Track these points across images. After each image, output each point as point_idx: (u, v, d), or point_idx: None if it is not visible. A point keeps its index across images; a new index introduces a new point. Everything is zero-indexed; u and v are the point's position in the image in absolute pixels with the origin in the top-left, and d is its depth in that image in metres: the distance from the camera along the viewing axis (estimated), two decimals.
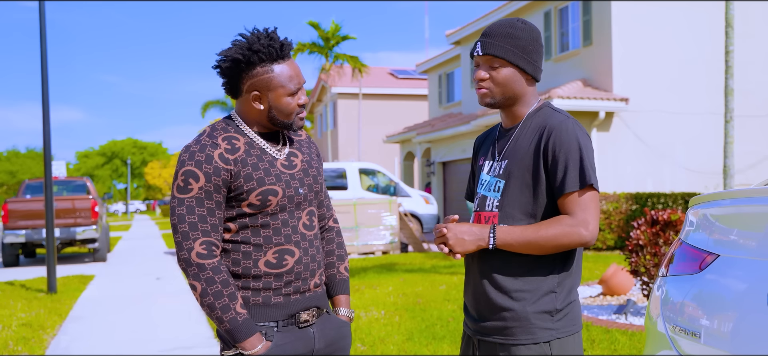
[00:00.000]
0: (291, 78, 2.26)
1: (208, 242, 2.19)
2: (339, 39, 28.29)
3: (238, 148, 2.26)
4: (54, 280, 10.90)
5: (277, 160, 2.32)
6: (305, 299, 2.33)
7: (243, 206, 2.24)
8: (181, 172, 2.21)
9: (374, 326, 7.08)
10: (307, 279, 2.33)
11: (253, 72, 2.24)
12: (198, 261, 2.17)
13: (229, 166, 2.22)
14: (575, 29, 18.10)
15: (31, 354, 6.61)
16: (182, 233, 2.19)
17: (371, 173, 19.32)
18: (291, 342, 2.28)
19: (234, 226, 2.26)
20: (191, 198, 2.20)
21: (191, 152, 2.22)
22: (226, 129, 2.30)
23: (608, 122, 16.83)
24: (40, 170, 62.16)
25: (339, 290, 2.54)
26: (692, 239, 2.72)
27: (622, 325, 6.64)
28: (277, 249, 2.27)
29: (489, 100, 2.31)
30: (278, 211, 2.28)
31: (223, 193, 2.22)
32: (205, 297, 2.17)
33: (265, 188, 2.24)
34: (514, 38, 2.27)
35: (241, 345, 2.19)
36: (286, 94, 2.26)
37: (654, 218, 7.22)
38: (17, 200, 16.10)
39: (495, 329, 2.26)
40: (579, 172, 2.18)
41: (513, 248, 2.20)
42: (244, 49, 2.22)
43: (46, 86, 10.94)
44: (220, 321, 2.18)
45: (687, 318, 2.52)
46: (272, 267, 2.26)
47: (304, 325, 2.32)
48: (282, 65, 2.25)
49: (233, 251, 2.26)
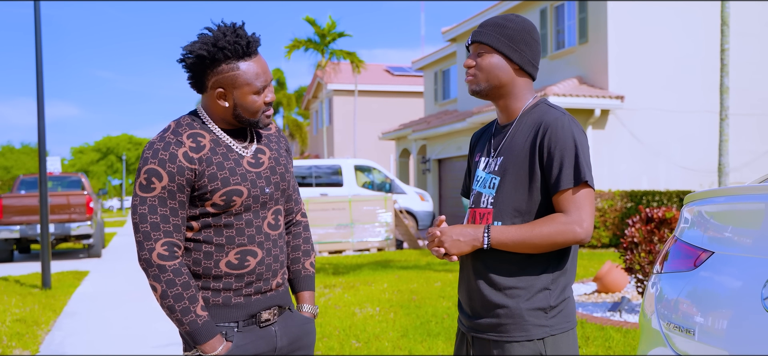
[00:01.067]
0: (257, 75, 2.20)
1: (169, 243, 2.16)
2: (335, 36, 28.26)
3: (204, 146, 2.21)
4: (48, 276, 10.87)
5: (243, 158, 2.27)
6: (266, 298, 2.30)
7: (206, 206, 2.20)
8: (144, 170, 2.16)
9: (369, 322, 7.08)
10: (269, 279, 2.30)
11: (217, 69, 2.18)
12: (159, 262, 2.14)
13: (194, 165, 2.17)
14: (571, 27, 18.11)
15: (25, 349, 6.59)
16: (143, 233, 2.15)
17: (367, 170, 19.31)
18: (252, 341, 2.26)
19: (196, 225, 2.22)
20: (154, 198, 2.15)
21: (155, 150, 2.16)
22: (191, 125, 2.25)
23: (604, 119, 16.85)
24: (34, 165, 62.02)
25: (303, 286, 2.50)
26: (687, 236, 2.73)
27: (616, 323, 6.65)
28: (239, 250, 2.23)
29: (474, 87, 2.32)
30: (242, 211, 2.24)
31: (187, 192, 2.18)
32: (165, 298, 2.15)
33: (229, 189, 2.20)
34: (502, 27, 2.29)
35: (201, 347, 2.17)
36: (252, 92, 2.20)
37: (649, 216, 7.23)
38: (12, 195, 16.05)
39: (489, 326, 2.26)
40: (574, 169, 2.17)
41: (507, 247, 2.20)
42: (209, 45, 2.16)
43: (41, 82, 10.90)
44: (180, 322, 2.16)
45: (681, 315, 2.52)
46: (233, 268, 2.23)
47: (265, 324, 2.29)
48: (248, 62, 2.19)
49: (195, 250, 2.23)
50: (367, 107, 33.37)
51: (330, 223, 15.67)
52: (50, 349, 6.67)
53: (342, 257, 14.94)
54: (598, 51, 17.06)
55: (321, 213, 15.71)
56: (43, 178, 11.05)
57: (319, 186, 18.34)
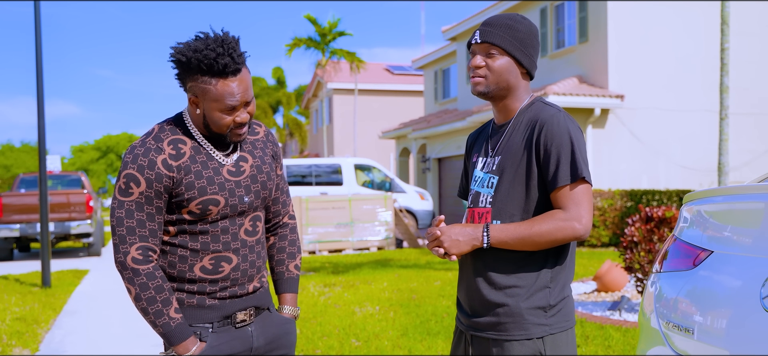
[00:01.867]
0: (229, 95, 2.16)
1: (144, 248, 2.19)
2: (335, 35, 28.25)
3: (184, 153, 2.23)
4: (48, 274, 10.87)
5: (223, 166, 2.28)
6: (242, 301, 2.32)
7: (183, 213, 2.22)
8: (124, 174, 2.19)
9: (369, 321, 7.08)
10: (245, 284, 2.31)
11: (193, 77, 2.18)
12: (133, 266, 2.17)
13: (172, 173, 2.19)
14: (571, 26, 18.11)
15: (25, 348, 6.59)
16: (120, 237, 2.19)
17: (367, 169, 19.31)
18: (227, 341, 2.28)
19: (173, 229, 2.25)
20: (131, 202, 2.18)
21: (135, 155, 2.19)
22: (174, 130, 2.26)
23: (603, 118, 16.85)
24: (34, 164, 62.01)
25: (286, 288, 2.52)
26: (686, 235, 2.73)
27: (616, 322, 6.65)
28: (213, 256, 2.25)
29: (482, 88, 2.31)
30: (219, 219, 2.25)
31: (164, 199, 2.20)
32: (139, 301, 2.18)
33: (206, 198, 2.21)
34: (513, 30, 2.28)
35: (174, 348, 2.21)
36: (220, 109, 2.18)
37: (649, 215, 7.23)
38: (12, 194, 16.05)
39: (488, 325, 2.26)
40: (570, 165, 2.18)
41: (507, 245, 2.20)
42: (190, 52, 2.15)
43: (41, 80, 10.89)
44: (154, 324, 2.19)
45: (680, 314, 2.52)
46: (207, 273, 2.26)
47: (241, 325, 2.31)
48: (224, 82, 2.16)
49: (170, 253, 2.26)
50: (367, 105, 33.36)
51: (330, 222, 15.67)
52: (50, 348, 6.68)
53: (342, 256, 14.94)
54: (598, 50, 17.06)
55: (321, 212, 15.71)
56: (42, 177, 11.05)
57: (319, 185, 18.34)
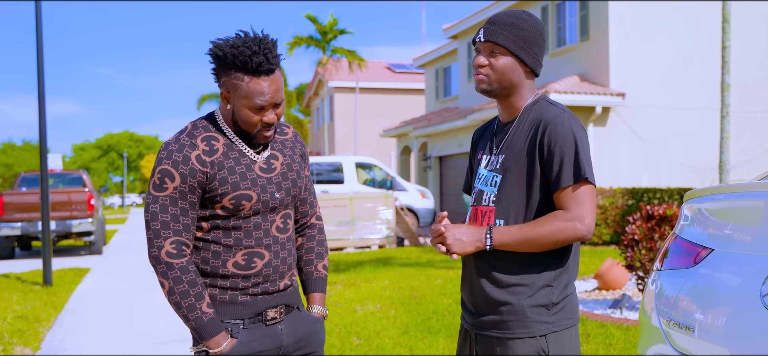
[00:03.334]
0: (259, 94, 2.21)
1: (178, 242, 2.22)
2: (336, 33, 28.23)
3: (217, 150, 2.26)
4: (49, 273, 10.88)
5: (255, 163, 2.31)
6: (273, 298, 2.34)
7: (216, 208, 2.25)
8: (158, 170, 2.22)
9: (370, 319, 7.09)
10: (276, 281, 2.34)
11: (227, 72, 2.22)
12: (167, 260, 2.20)
13: (206, 168, 2.22)
14: (572, 24, 18.10)
15: (27, 346, 6.60)
16: (154, 231, 2.22)
17: (368, 167, 19.31)
18: (257, 338, 2.30)
19: (206, 225, 2.28)
20: (166, 197, 2.21)
21: (169, 151, 2.22)
22: (207, 128, 2.30)
23: (605, 117, 16.84)
24: (36, 162, 62.02)
25: (314, 287, 2.54)
26: (687, 233, 2.73)
27: (617, 320, 6.66)
28: (246, 252, 2.28)
29: (485, 87, 2.30)
30: (251, 215, 2.28)
31: (198, 194, 2.24)
32: (172, 295, 2.21)
33: (239, 193, 2.24)
34: (517, 28, 2.26)
35: (206, 343, 2.23)
36: (248, 107, 2.22)
37: (650, 213, 7.23)
38: (13, 192, 16.06)
39: (492, 323, 2.26)
40: (574, 166, 2.17)
41: (510, 247, 2.20)
42: (227, 48, 2.20)
43: (42, 79, 10.90)
44: (186, 318, 2.22)
45: (681, 312, 2.52)
46: (240, 269, 2.28)
47: (271, 322, 2.33)
48: (255, 79, 2.20)
49: (203, 249, 2.29)
50: (368, 104, 33.36)
51: (331, 220, 15.67)
52: (51, 346, 6.68)
53: (343, 254, 14.94)
54: (599, 48, 17.05)
55: (322, 211, 15.69)
56: (44, 175, 11.06)
57: (320, 183, 18.34)
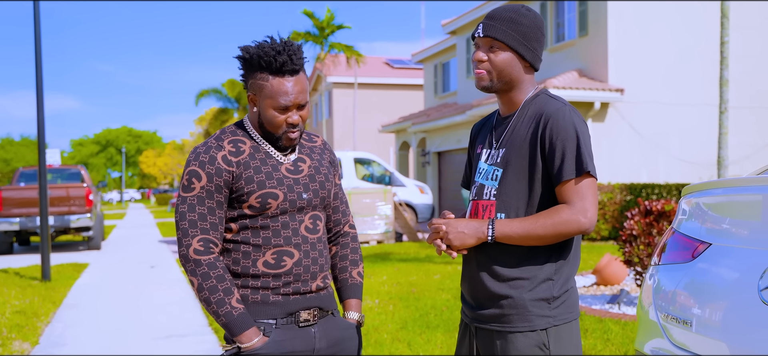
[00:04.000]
0: (283, 94, 2.26)
1: (205, 240, 2.26)
2: (334, 28, 28.20)
3: (243, 151, 2.32)
4: (48, 268, 10.88)
5: (281, 164, 2.35)
6: (305, 299, 2.34)
7: (244, 208, 2.29)
8: (186, 172, 2.30)
9: (368, 315, 7.09)
10: (308, 281, 2.34)
11: (253, 74, 2.29)
12: (195, 257, 2.24)
13: (232, 168, 2.28)
14: (571, 20, 18.09)
15: (25, 341, 6.60)
16: (182, 230, 2.27)
17: (366, 163, 19.30)
18: (289, 339, 2.30)
19: (235, 226, 2.31)
20: (193, 197, 2.27)
21: (197, 153, 2.30)
22: (235, 133, 2.36)
23: (603, 112, 16.84)
24: (34, 158, 61.97)
25: (350, 294, 2.55)
26: (685, 227, 2.73)
27: (615, 315, 6.66)
28: (275, 250, 2.30)
29: (485, 83, 2.30)
30: (278, 214, 2.31)
31: (225, 194, 2.29)
32: (201, 291, 2.24)
33: (265, 191, 2.28)
34: (516, 23, 2.26)
35: (237, 338, 2.23)
36: (273, 107, 2.27)
37: (648, 209, 7.24)
38: (11, 188, 16.05)
39: (492, 317, 2.26)
40: (576, 159, 2.17)
41: (512, 240, 2.19)
42: (253, 50, 2.27)
43: (41, 74, 10.89)
44: (217, 315, 2.23)
45: (679, 306, 2.52)
46: (270, 268, 2.30)
47: (304, 324, 2.33)
48: (279, 79, 2.26)
49: (234, 250, 2.32)
50: (366, 99, 33.34)
51: None
52: (50, 341, 6.68)
53: None
54: (597, 44, 17.04)
55: None
56: (42, 170, 11.05)
57: None
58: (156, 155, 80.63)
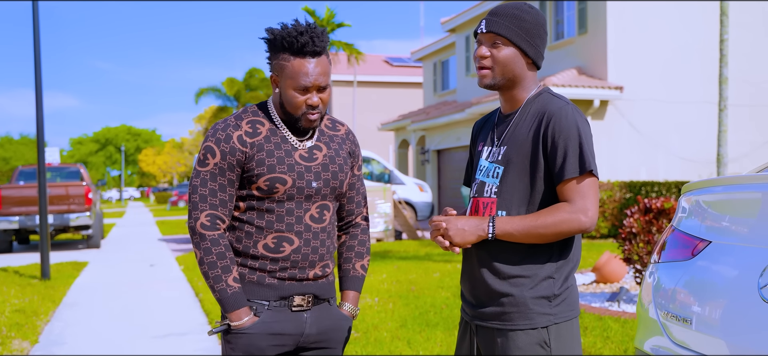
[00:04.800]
0: (304, 75, 2.28)
1: (213, 215, 2.32)
2: (334, 26, 28.17)
3: (260, 132, 2.36)
4: (47, 266, 10.88)
5: (296, 150, 2.37)
6: (301, 286, 2.37)
7: (252, 189, 2.34)
8: (203, 147, 2.36)
9: (368, 313, 7.09)
10: (305, 269, 2.37)
11: (276, 54, 2.33)
12: (201, 231, 2.31)
13: (245, 148, 2.32)
14: (570, 17, 18.09)
15: (25, 340, 6.60)
16: (193, 203, 2.34)
17: (366, 161, 19.29)
18: (279, 321, 2.34)
19: (243, 205, 2.37)
20: (206, 172, 2.33)
21: (215, 129, 2.35)
22: (256, 113, 2.40)
23: (603, 110, 16.84)
24: (33, 156, 61.95)
25: (349, 285, 2.57)
26: (684, 225, 2.73)
27: (614, 312, 6.67)
28: (276, 235, 2.34)
29: (488, 81, 2.29)
30: (285, 199, 2.34)
31: (237, 173, 2.33)
32: (202, 264, 2.32)
33: (274, 176, 2.31)
34: (519, 20, 2.25)
35: (228, 315, 2.31)
36: (293, 87, 2.30)
37: (647, 206, 7.24)
38: (10, 186, 16.04)
39: (493, 314, 2.26)
40: (578, 158, 2.16)
41: (513, 237, 2.19)
42: (277, 32, 2.31)
43: (40, 73, 10.88)
44: (213, 289, 2.32)
45: (678, 304, 2.52)
46: (269, 251, 2.34)
47: (297, 309, 2.37)
48: (301, 60, 2.28)
49: (238, 229, 2.37)
50: (366, 97, 33.34)
51: None
52: (49, 340, 6.68)
53: None
54: (597, 42, 17.04)
55: None
56: (41, 169, 11.04)
57: None
58: (155, 153, 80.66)
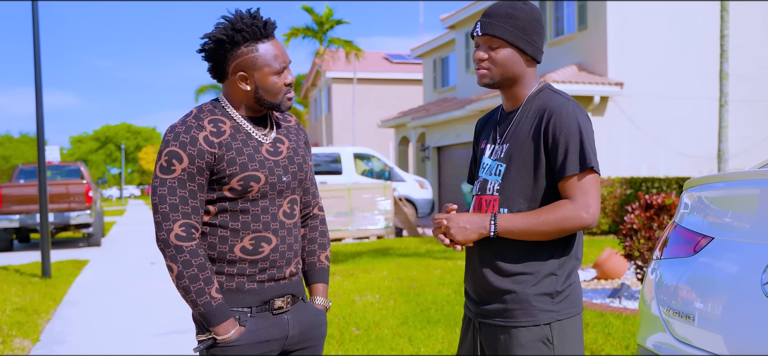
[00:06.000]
0: (276, 57, 2.23)
1: (187, 225, 2.19)
2: (333, 23, 28.16)
3: (224, 131, 2.24)
4: (48, 265, 10.87)
5: (262, 145, 2.30)
6: (279, 286, 2.33)
7: (224, 190, 2.23)
8: (165, 152, 2.19)
9: (369, 310, 7.09)
10: (283, 267, 2.32)
11: (237, 52, 2.21)
12: (176, 243, 2.17)
13: (214, 149, 2.20)
14: (570, 13, 18.06)
15: (26, 338, 6.60)
16: (162, 214, 2.18)
17: (366, 158, 19.29)
18: (265, 327, 2.29)
19: (213, 209, 2.25)
20: (173, 179, 2.18)
21: (176, 133, 2.19)
22: (213, 111, 2.28)
23: (603, 106, 16.83)
24: (33, 154, 61.93)
25: (317, 278, 2.53)
26: (687, 222, 2.72)
27: (616, 309, 6.67)
28: (254, 236, 2.26)
29: (488, 81, 2.30)
30: (259, 197, 2.26)
31: (206, 176, 2.21)
32: (181, 279, 2.17)
33: (247, 174, 2.23)
34: (513, 19, 2.25)
35: (214, 329, 2.19)
36: (272, 73, 2.23)
37: (648, 203, 7.23)
38: (11, 185, 16.03)
39: (496, 311, 2.26)
40: (579, 155, 2.17)
41: (514, 235, 2.19)
42: (227, 30, 2.19)
43: (39, 71, 10.87)
44: (195, 304, 2.18)
45: (681, 300, 2.52)
46: (248, 253, 2.26)
47: (278, 312, 2.32)
48: (266, 44, 2.22)
49: (211, 234, 2.26)
50: (366, 94, 33.31)
51: (329, 211, 15.66)
52: (50, 338, 6.68)
53: (341, 245, 14.94)
54: (597, 38, 17.03)
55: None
56: (42, 167, 11.03)
57: (318, 174, 18.31)
58: (155, 151, 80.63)
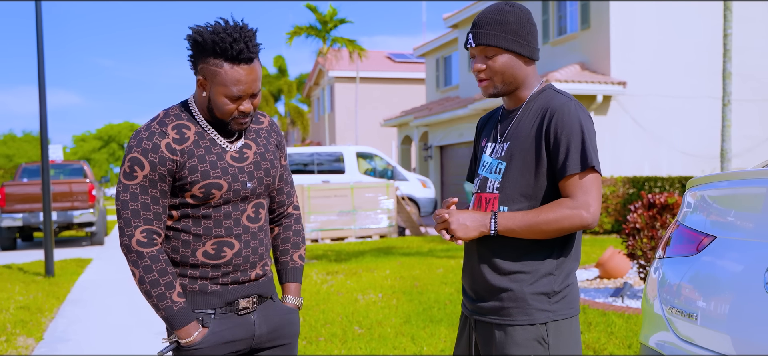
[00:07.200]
0: (236, 82, 2.18)
1: (149, 231, 2.21)
2: (336, 23, 28.16)
3: (188, 138, 2.25)
4: (51, 263, 10.90)
5: (227, 152, 2.29)
6: (244, 288, 2.33)
7: (186, 197, 2.24)
8: (128, 158, 2.21)
9: (371, 309, 7.10)
10: (247, 270, 2.32)
11: (206, 58, 2.20)
12: (137, 249, 2.19)
13: (176, 156, 2.21)
14: (573, 13, 18.05)
15: (30, 336, 6.62)
16: (125, 220, 2.21)
17: (368, 157, 19.30)
18: (229, 328, 2.29)
19: (176, 214, 2.27)
20: (135, 185, 2.20)
21: (139, 139, 2.21)
22: (179, 116, 2.28)
23: (606, 105, 16.81)
24: (36, 153, 62.05)
25: (289, 277, 2.53)
26: (690, 220, 2.72)
27: (618, 308, 6.67)
28: (216, 241, 2.27)
29: (492, 91, 2.30)
30: (221, 204, 2.27)
31: (168, 182, 2.23)
32: (142, 284, 2.20)
33: (209, 182, 2.23)
34: (503, 24, 2.25)
35: (176, 332, 2.22)
36: (225, 95, 2.19)
37: (651, 202, 7.23)
38: (14, 183, 16.07)
39: (492, 309, 2.26)
40: (580, 154, 2.16)
41: (515, 233, 2.19)
42: (205, 34, 2.18)
43: (43, 70, 10.89)
44: (157, 308, 2.21)
45: (684, 299, 2.52)
46: (210, 258, 2.27)
47: (243, 312, 2.32)
48: (234, 68, 2.17)
49: (173, 238, 2.28)
50: (368, 93, 33.32)
51: (332, 210, 15.68)
52: (54, 337, 6.70)
53: (344, 244, 14.95)
54: (600, 37, 17.01)
55: (323, 200, 15.71)
56: (45, 166, 11.06)
57: (321, 173, 18.33)
58: None
